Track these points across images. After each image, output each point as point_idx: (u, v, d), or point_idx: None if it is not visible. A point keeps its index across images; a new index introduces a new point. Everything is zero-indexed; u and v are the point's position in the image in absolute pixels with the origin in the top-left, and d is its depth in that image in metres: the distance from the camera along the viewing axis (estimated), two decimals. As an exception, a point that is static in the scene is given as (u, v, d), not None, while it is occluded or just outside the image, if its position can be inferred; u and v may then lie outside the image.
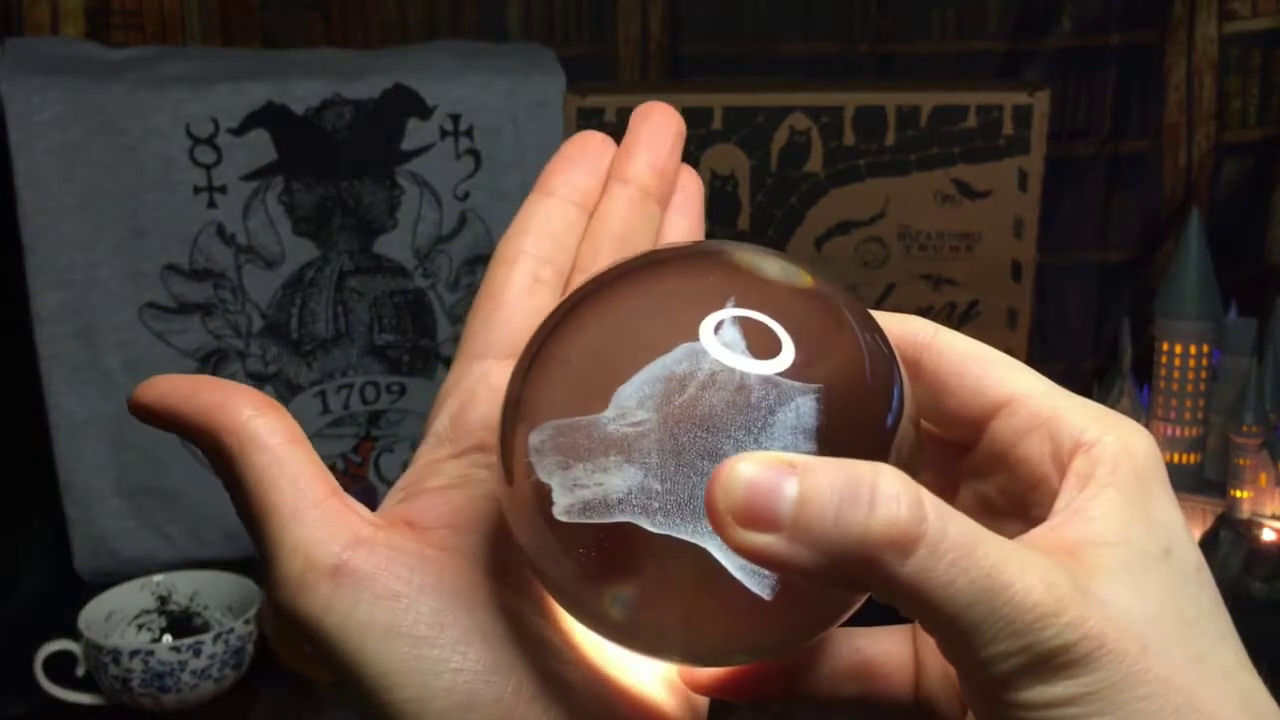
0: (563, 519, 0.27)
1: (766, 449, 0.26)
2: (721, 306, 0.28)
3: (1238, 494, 1.07)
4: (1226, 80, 1.27)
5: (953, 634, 0.25)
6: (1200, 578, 0.29)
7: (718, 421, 0.27)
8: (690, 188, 0.38)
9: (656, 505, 0.27)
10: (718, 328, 0.27)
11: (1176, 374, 1.10)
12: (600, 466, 0.27)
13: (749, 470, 0.25)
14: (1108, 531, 0.28)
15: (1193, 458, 1.11)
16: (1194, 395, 1.10)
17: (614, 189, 0.36)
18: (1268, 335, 1.10)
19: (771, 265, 0.30)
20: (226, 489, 0.31)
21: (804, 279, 0.30)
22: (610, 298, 0.30)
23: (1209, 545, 1.07)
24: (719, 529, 0.25)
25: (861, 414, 0.28)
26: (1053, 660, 0.25)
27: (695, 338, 0.27)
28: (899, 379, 0.29)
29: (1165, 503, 0.29)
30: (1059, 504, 0.29)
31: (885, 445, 0.28)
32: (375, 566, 0.29)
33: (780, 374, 0.27)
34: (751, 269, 0.30)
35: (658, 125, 0.37)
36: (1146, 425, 1.11)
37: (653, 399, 0.27)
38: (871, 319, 0.30)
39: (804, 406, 0.27)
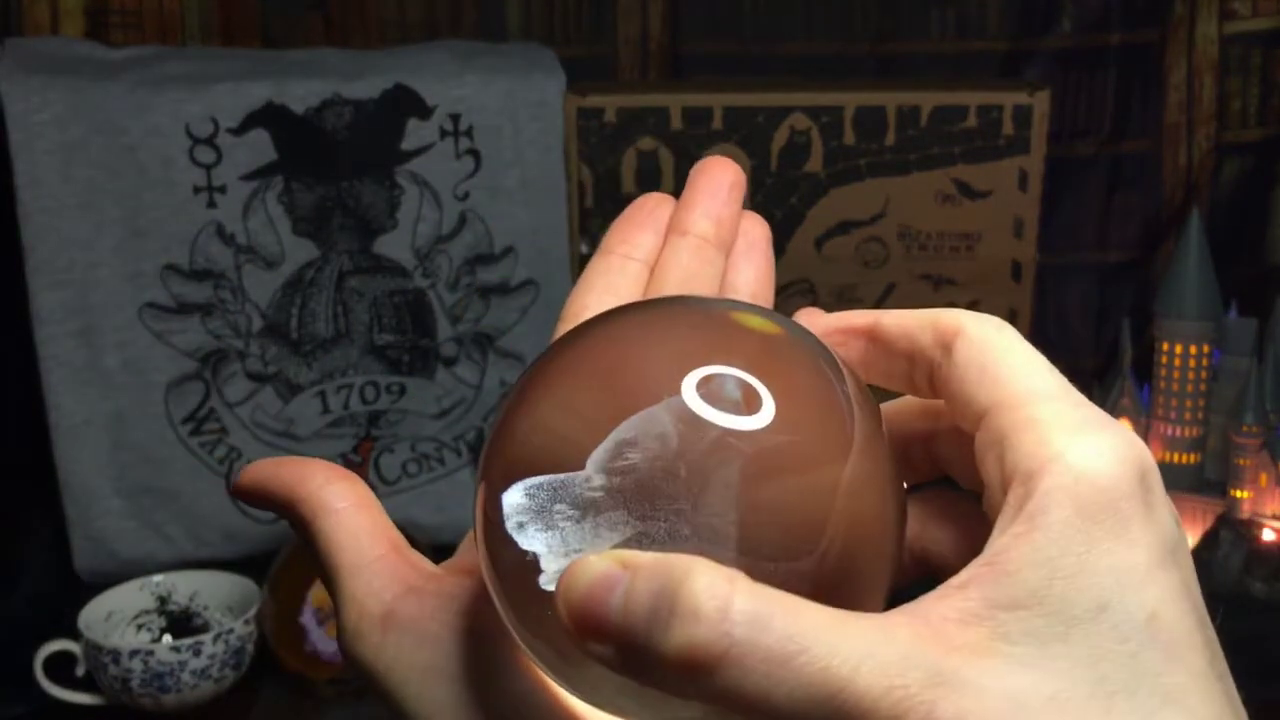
0: (550, 589, 0.25)
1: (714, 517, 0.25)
2: (704, 362, 0.27)
3: (1238, 494, 1.07)
4: (1227, 80, 1.27)
5: None
6: (1151, 631, 0.24)
7: (694, 483, 0.25)
8: (754, 232, 0.37)
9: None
10: (700, 383, 0.26)
11: (1177, 374, 1.10)
12: (585, 530, 0.25)
13: (589, 572, 0.23)
14: (1020, 591, 0.24)
15: (1193, 458, 1.11)
16: (1194, 395, 1.10)
17: (673, 241, 0.37)
18: (1268, 335, 1.10)
19: (748, 318, 0.29)
20: (309, 554, 0.33)
21: (776, 329, 0.29)
22: (586, 350, 0.29)
23: (1209, 545, 1.07)
24: (566, 633, 0.24)
25: (812, 464, 0.26)
26: None
27: (676, 392, 0.26)
28: (878, 434, 0.28)
29: (1116, 543, 0.25)
30: (983, 552, 0.25)
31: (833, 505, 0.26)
32: (421, 612, 0.30)
33: (761, 429, 0.26)
34: (728, 321, 0.29)
35: (714, 176, 0.37)
36: (1147, 425, 1.11)
37: (631, 456, 0.25)
38: (846, 370, 0.29)
39: (748, 465, 0.26)
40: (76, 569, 1.10)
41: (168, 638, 1.01)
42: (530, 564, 0.26)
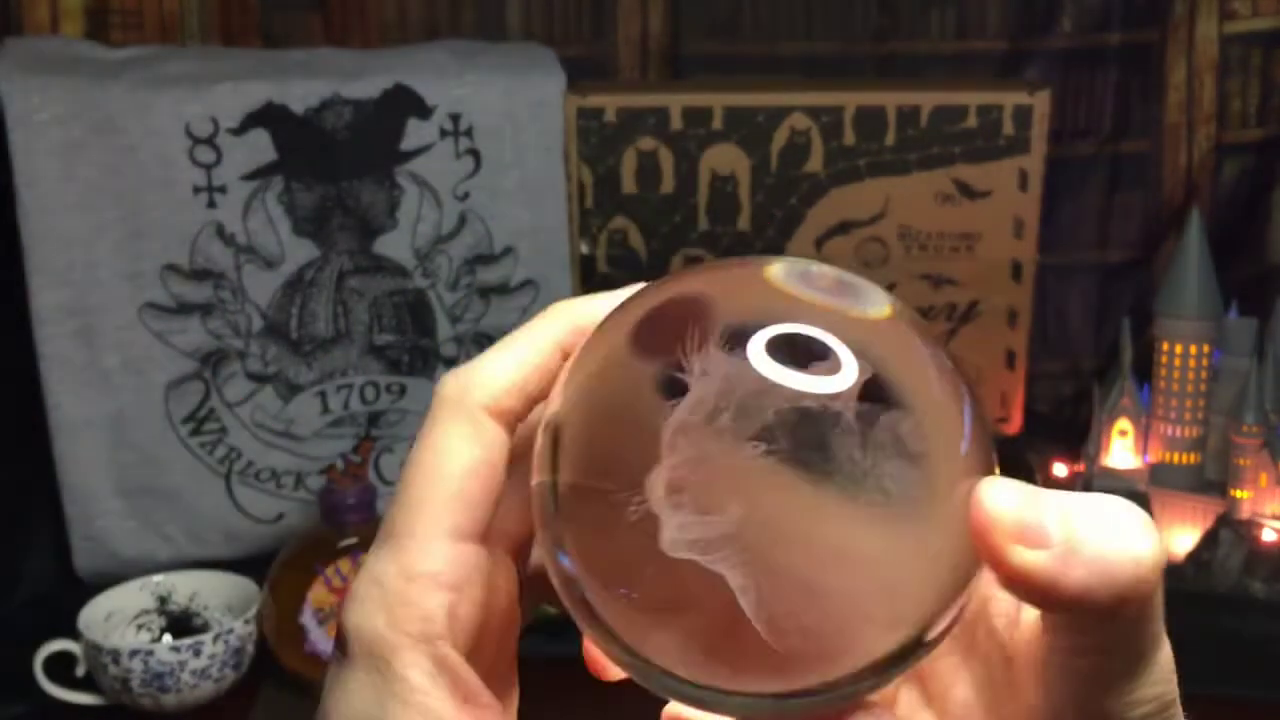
0: (670, 553, 0.27)
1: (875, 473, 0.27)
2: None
3: (1238, 494, 1.07)
4: (1227, 80, 1.27)
5: None
6: None
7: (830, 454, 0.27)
8: None
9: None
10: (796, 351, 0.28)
11: (1177, 374, 1.10)
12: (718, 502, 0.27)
13: (1014, 491, 0.26)
14: None
15: (1193, 458, 1.11)
16: (1194, 395, 1.10)
17: None
18: (1268, 335, 1.10)
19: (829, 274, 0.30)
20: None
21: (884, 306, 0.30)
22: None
23: (1209, 546, 1.07)
24: (993, 551, 0.26)
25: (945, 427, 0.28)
26: None
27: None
28: (967, 396, 0.29)
29: None
30: None
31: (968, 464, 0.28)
32: None
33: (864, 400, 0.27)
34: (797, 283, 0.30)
35: None
36: (1147, 425, 1.11)
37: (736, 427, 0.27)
38: (933, 331, 0.30)
39: (901, 425, 0.27)
40: (76, 569, 1.10)
41: (168, 638, 1.01)
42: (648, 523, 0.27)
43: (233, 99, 1.06)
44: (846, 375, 0.27)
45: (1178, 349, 1.10)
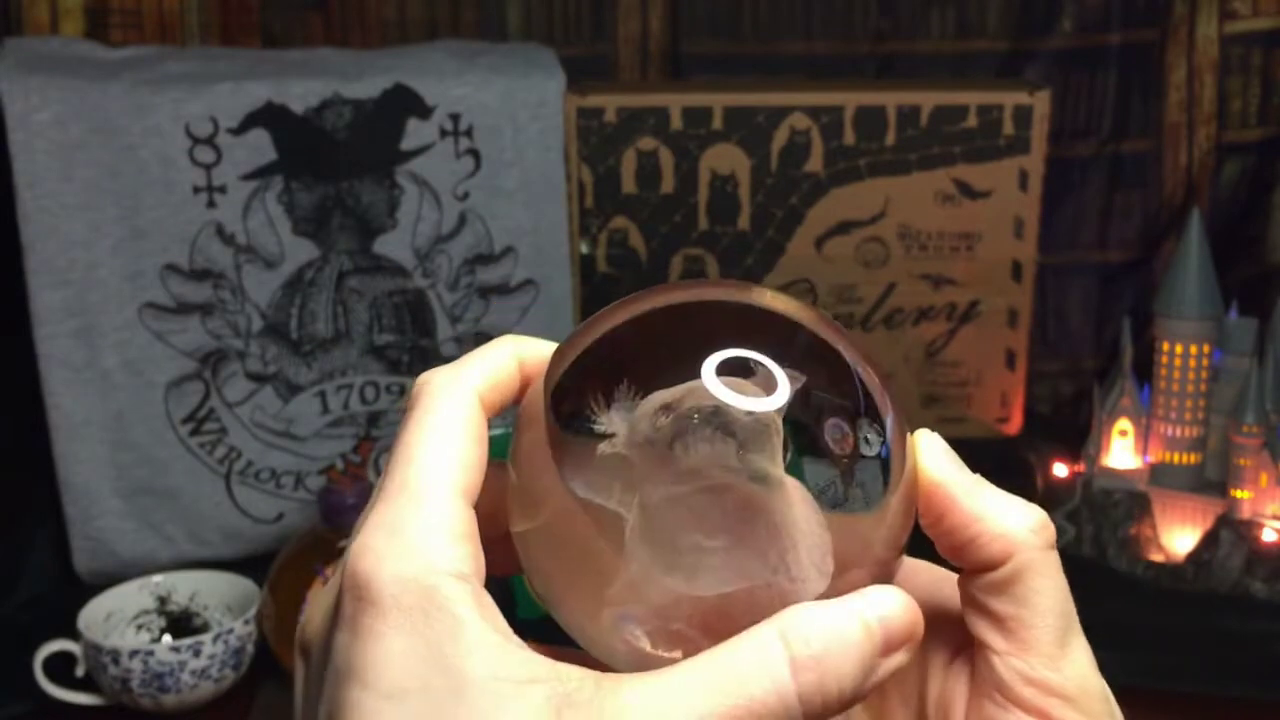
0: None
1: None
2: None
3: (1238, 494, 1.07)
4: (1227, 80, 1.27)
5: None
6: None
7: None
8: None
9: None
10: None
11: (1177, 374, 1.10)
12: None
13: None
14: None
15: (1193, 458, 1.11)
16: (1194, 395, 1.10)
17: None
18: (1268, 335, 1.10)
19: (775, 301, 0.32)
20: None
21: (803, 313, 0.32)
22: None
23: (1209, 546, 1.07)
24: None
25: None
26: None
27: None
28: (888, 409, 0.31)
29: None
30: None
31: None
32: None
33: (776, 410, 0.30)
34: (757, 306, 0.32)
35: None
36: (1147, 425, 1.12)
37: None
38: (863, 353, 0.32)
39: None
40: (76, 569, 1.10)
41: (167, 638, 1.01)
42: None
43: (232, 99, 1.06)
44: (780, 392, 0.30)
45: (1178, 349, 1.10)
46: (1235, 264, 1.24)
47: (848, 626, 0.29)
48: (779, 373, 0.30)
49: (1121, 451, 1.12)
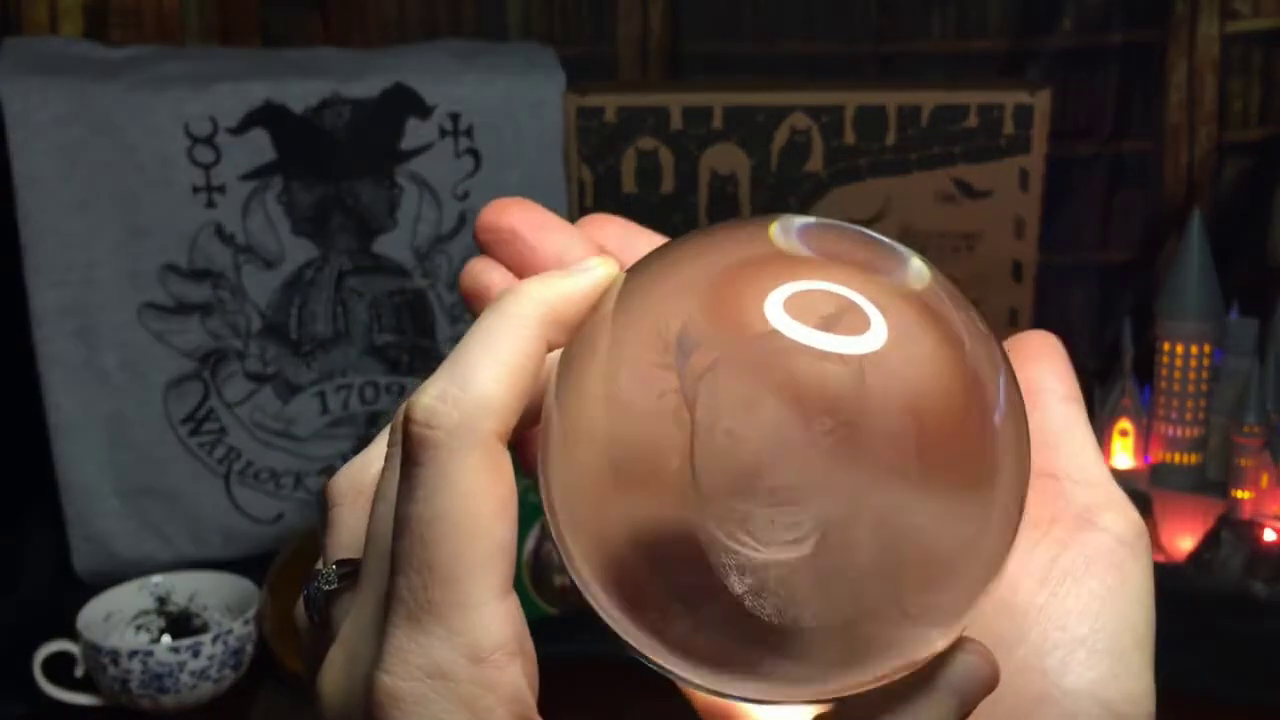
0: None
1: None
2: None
3: (1239, 494, 1.07)
4: (1228, 80, 1.27)
5: None
6: None
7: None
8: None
9: None
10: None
11: (1178, 374, 1.10)
12: None
13: None
14: None
15: (1194, 458, 1.11)
16: (1195, 395, 1.10)
17: None
18: (1269, 335, 1.10)
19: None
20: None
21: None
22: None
23: (1210, 546, 1.07)
24: None
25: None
26: None
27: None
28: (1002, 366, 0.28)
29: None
30: None
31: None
32: None
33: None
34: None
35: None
36: (1147, 425, 1.11)
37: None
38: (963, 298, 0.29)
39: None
40: (75, 569, 1.10)
41: (167, 638, 1.01)
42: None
43: (232, 99, 1.06)
44: (875, 335, 0.26)
45: (1179, 349, 1.10)
46: (1236, 264, 1.24)
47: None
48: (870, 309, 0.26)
49: (1122, 452, 1.12)
